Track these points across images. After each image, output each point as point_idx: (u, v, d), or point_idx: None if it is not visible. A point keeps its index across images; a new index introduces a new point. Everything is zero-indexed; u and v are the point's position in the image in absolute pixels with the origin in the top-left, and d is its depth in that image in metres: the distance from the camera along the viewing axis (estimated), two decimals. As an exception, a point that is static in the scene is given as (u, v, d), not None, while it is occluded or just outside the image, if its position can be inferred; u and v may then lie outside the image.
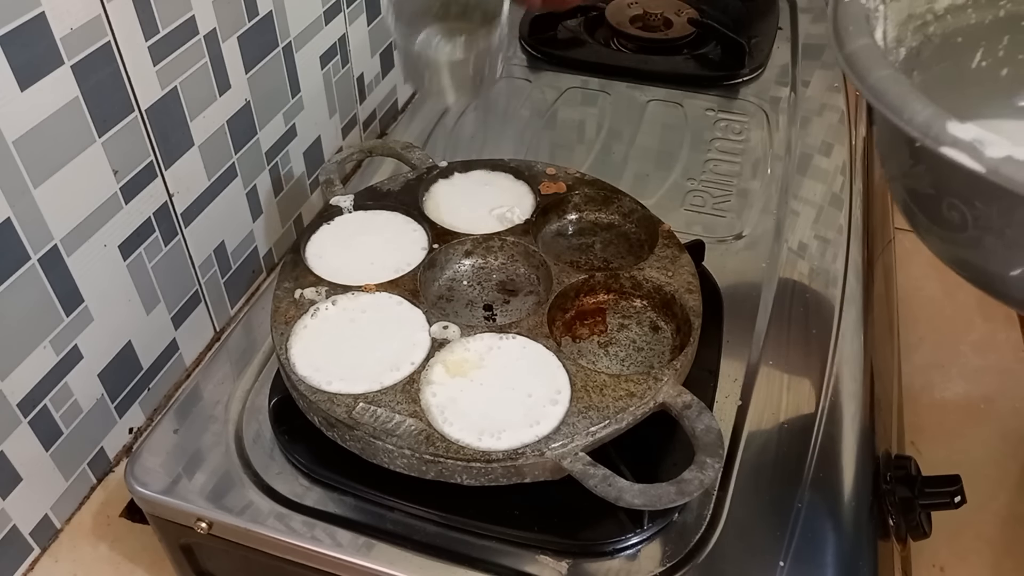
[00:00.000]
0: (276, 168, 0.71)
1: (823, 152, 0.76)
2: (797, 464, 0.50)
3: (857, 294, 0.61)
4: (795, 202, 0.70)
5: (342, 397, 0.46)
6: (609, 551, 0.46)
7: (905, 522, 0.48)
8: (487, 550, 0.46)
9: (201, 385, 0.56)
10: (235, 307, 0.71)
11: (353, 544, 0.47)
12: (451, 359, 0.48)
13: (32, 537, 0.54)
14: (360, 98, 0.83)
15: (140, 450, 0.52)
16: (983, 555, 0.56)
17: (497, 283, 0.57)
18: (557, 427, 0.44)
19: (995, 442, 0.63)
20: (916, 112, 0.33)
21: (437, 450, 0.44)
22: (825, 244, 0.66)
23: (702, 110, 0.82)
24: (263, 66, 0.66)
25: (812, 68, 0.88)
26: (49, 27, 0.46)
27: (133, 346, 0.59)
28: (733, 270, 0.63)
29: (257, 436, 0.52)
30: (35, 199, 0.48)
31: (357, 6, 0.78)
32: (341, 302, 0.52)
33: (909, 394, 0.65)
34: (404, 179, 0.62)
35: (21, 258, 0.48)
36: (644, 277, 0.54)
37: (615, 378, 0.47)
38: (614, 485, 0.42)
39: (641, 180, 0.73)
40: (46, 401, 0.53)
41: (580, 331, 0.54)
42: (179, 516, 0.49)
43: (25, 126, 0.46)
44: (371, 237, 0.58)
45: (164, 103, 0.56)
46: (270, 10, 0.65)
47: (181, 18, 0.55)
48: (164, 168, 0.58)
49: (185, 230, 0.62)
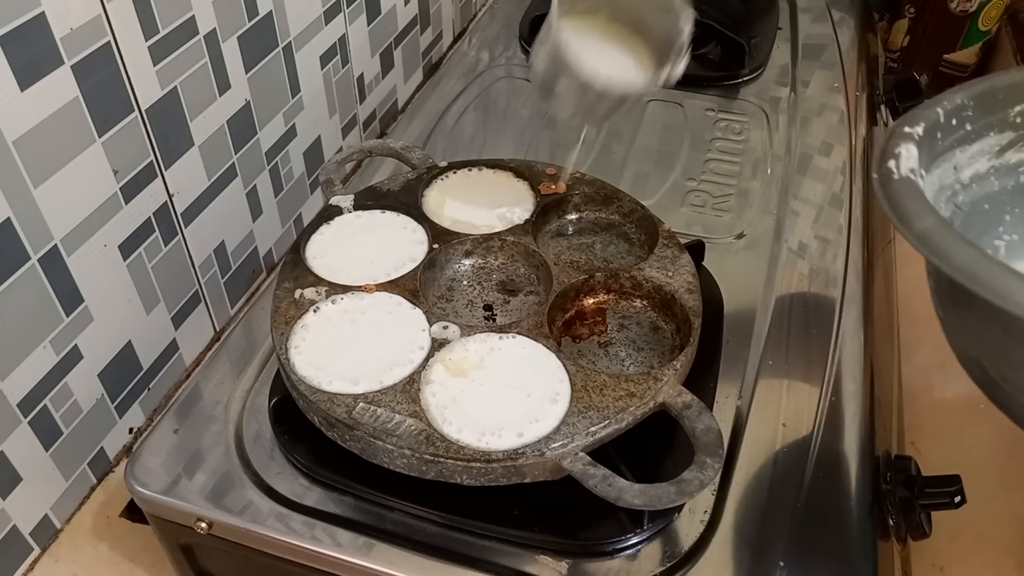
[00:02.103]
0: (276, 168, 0.71)
1: (823, 152, 0.76)
2: (797, 464, 0.50)
3: (857, 294, 0.61)
4: (795, 202, 0.70)
5: (342, 397, 0.46)
6: (609, 551, 0.46)
7: (905, 522, 0.48)
8: (487, 550, 0.46)
9: (201, 385, 0.56)
10: (235, 307, 0.71)
11: (353, 544, 0.47)
12: (451, 359, 0.48)
13: (32, 537, 0.54)
14: (360, 98, 0.83)
15: (140, 450, 0.52)
16: (983, 555, 0.56)
17: (497, 283, 0.57)
18: (557, 427, 0.44)
19: (995, 442, 0.63)
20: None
21: (437, 450, 0.44)
22: (825, 244, 0.66)
23: (702, 110, 0.82)
24: (263, 66, 0.66)
25: (812, 68, 0.88)
26: (49, 27, 0.46)
27: (133, 346, 0.59)
28: (733, 270, 0.63)
29: (257, 436, 0.52)
30: (35, 199, 0.48)
31: (357, 6, 0.78)
32: (341, 302, 0.52)
33: (909, 394, 0.65)
34: (404, 179, 0.62)
35: (21, 258, 0.48)
36: (644, 277, 0.54)
37: (615, 378, 0.47)
38: (614, 485, 0.42)
39: (641, 180, 0.73)
40: (46, 401, 0.53)
41: (580, 331, 0.54)
42: (179, 516, 0.49)
43: (25, 126, 0.46)
44: (371, 237, 0.58)
45: (164, 103, 0.56)
46: (270, 10, 0.65)
47: (181, 18, 0.55)
48: (164, 168, 0.58)
49: (185, 230, 0.62)
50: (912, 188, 0.38)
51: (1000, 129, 0.46)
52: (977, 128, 0.45)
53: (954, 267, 0.34)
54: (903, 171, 0.39)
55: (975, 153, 0.46)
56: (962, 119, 0.45)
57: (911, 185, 0.38)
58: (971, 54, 1.04)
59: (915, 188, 0.38)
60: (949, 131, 0.44)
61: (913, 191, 0.38)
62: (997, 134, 0.46)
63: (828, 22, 0.96)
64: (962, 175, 0.46)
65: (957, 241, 0.34)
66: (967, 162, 0.46)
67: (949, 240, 0.34)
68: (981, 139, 0.46)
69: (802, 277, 0.63)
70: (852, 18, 0.98)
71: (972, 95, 0.45)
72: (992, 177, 0.48)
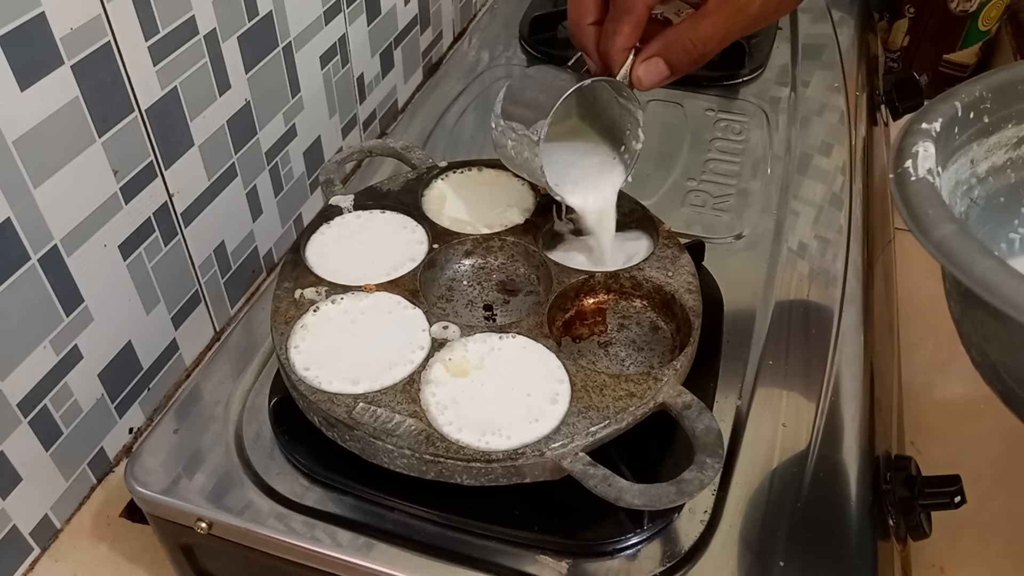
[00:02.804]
0: (276, 168, 0.71)
1: (823, 152, 0.76)
2: (797, 464, 0.50)
3: (857, 294, 0.61)
4: (795, 202, 0.70)
5: (342, 397, 0.46)
6: (609, 551, 0.46)
7: (905, 522, 0.48)
8: (487, 550, 0.46)
9: (201, 385, 0.56)
10: (235, 307, 0.71)
11: (353, 544, 0.47)
12: (451, 359, 0.48)
13: (32, 537, 0.54)
14: (360, 98, 0.83)
15: (140, 450, 0.52)
16: (983, 555, 0.56)
17: (497, 283, 0.57)
18: (557, 427, 0.44)
19: (995, 442, 0.63)
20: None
21: (437, 450, 0.44)
22: (825, 244, 0.66)
23: (702, 110, 0.82)
24: (263, 66, 0.66)
25: (812, 68, 0.88)
26: (49, 27, 0.46)
27: (133, 346, 0.59)
28: (733, 270, 0.63)
29: (257, 436, 0.52)
30: (35, 199, 0.48)
31: (357, 6, 0.78)
32: (341, 302, 0.52)
33: (909, 394, 0.65)
34: (404, 179, 0.62)
35: (21, 258, 0.48)
36: (644, 277, 0.54)
37: (615, 378, 0.47)
38: (614, 485, 0.42)
39: (641, 180, 0.73)
40: (46, 401, 0.53)
41: (580, 331, 0.54)
42: (179, 516, 0.49)
43: (25, 126, 0.46)
44: (371, 237, 0.58)
45: (164, 103, 0.56)
46: (270, 10, 0.65)
47: (181, 18, 0.55)
48: (164, 168, 0.58)
49: (185, 230, 0.62)
50: (930, 191, 0.37)
51: (1018, 121, 0.45)
52: (995, 120, 0.45)
53: (974, 279, 0.33)
54: (920, 172, 0.38)
55: (992, 146, 0.46)
56: (980, 112, 0.44)
57: (929, 188, 0.37)
58: (971, 54, 1.04)
59: (933, 191, 0.37)
60: (967, 125, 0.44)
61: (931, 195, 0.37)
62: (1015, 126, 0.45)
63: (828, 22, 0.96)
64: (978, 168, 0.46)
65: (977, 251, 0.34)
66: (984, 155, 0.46)
67: (969, 250, 0.34)
68: (999, 131, 0.45)
69: (802, 277, 0.63)
70: (852, 18, 0.98)
71: (991, 86, 0.44)
72: (1009, 170, 0.47)
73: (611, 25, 0.47)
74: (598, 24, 0.48)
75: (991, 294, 0.32)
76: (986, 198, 0.47)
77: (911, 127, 0.41)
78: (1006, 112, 0.45)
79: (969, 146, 0.44)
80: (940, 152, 0.40)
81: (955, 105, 0.43)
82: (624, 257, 0.56)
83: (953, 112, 0.42)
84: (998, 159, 0.46)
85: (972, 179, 0.46)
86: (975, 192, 0.46)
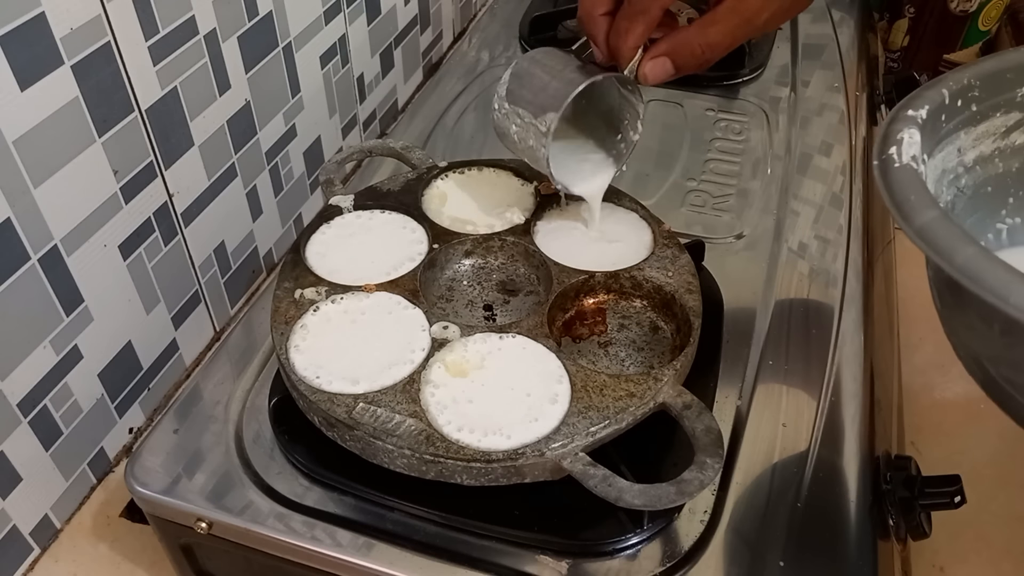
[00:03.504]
0: (276, 168, 0.71)
1: (823, 152, 0.76)
2: (797, 464, 0.50)
3: (857, 294, 0.61)
4: (795, 202, 0.70)
5: (342, 397, 0.46)
6: (609, 551, 0.46)
7: (905, 522, 0.48)
8: (487, 550, 0.46)
9: (201, 385, 0.56)
10: (235, 307, 0.71)
11: (353, 544, 0.47)
12: (451, 359, 0.48)
13: (32, 537, 0.54)
14: (360, 98, 0.83)
15: (140, 450, 0.52)
16: (983, 555, 0.56)
17: (497, 283, 0.57)
18: (557, 427, 0.44)
19: (995, 442, 0.63)
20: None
21: (437, 450, 0.44)
22: (825, 244, 0.66)
23: (702, 110, 0.82)
24: (263, 66, 0.66)
25: (812, 68, 0.88)
26: (49, 27, 0.46)
27: (133, 346, 0.59)
28: (733, 270, 0.63)
29: (257, 436, 0.52)
30: (35, 199, 0.48)
31: (357, 6, 0.78)
32: (341, 302, 0.52)
33: (909, 394, 0.65)
34: (404, 179, 0.62)
35: (21, 258, 0.48)
36: (644, 277, 0.54)
37: (615, 378, 0.47)
38: (614, 485, 0.42)
39: (641, 180, 0.73)
40: (46, 401, 0.53)
41: (580, 331, 0.54)
42: (179, 516, 0.49)
43: (25, 126, 0.46)
44: (371, 237, 0.58)
45: (164, 103, 0.56)
46: (270, 10, 0.65)
47: (181, 18, 0.55)
48: (164, 168, 0.58)
49: (185, 230, 0.62)
50: (913, 178, 0.37)
51: (1007, 110, 0.45)
52: (983, 109, 0.44)
53: (955, 266, 0.33)
54: (905, 159, 0.38)
55: (980, 135, 0.45)
56: (968, 100, 0.43)
57: (912, 175, 0.37)
58: (971, 54, 1.04)
59: (916, 178, 0.37)
60: (954, 112, 0.43)
61: (914, 181, 0.37)
62: (1004, 115, 0.45)
63: (828, 22, 0.96)
64: (966, 157, 0.45)
65: (959, 238, 0.33)
66: (971, 144, 0.45)
67: (950, 237, 0.33)
68: (987, 120, 0.45)
69: (802, 277, 0.63)
70: (852, 18, 0.98)
71: (979, 75, 0.43)
72: (997, 159, 0.46)
73: (624, 23, 0.48)
74: (609, 15, 0.49)
75: (972, 281, 0.32)
76: (973, 187, 0.46)
77: (897, 113, 0.40)
78: (995, 100, 0.44)
79: (956, 134, 0.44)
80: (926, 140, 0.40)
81: (942, 92, 0.42)
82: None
83: (940, 99, 0.42)
84: (986, 148, 0.46)
85: (959, 168, 0.45)
86: (962, 181, 0.45)
